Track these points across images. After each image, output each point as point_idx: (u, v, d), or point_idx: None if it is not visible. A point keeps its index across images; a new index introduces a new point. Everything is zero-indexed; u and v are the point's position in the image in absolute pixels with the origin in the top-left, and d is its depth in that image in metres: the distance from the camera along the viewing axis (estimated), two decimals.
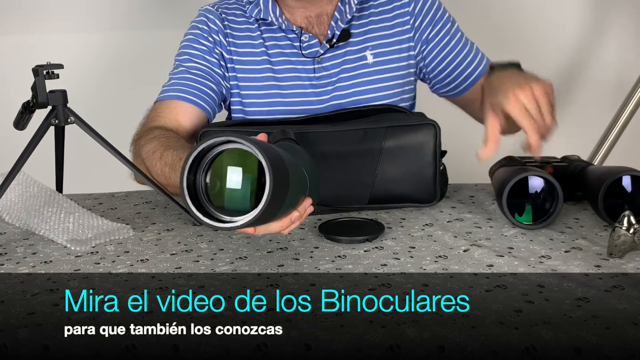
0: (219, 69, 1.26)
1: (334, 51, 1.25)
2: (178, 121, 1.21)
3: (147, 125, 1.20)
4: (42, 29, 2.12)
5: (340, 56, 1.25)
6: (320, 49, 1.25)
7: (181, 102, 1.22)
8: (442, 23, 1.29)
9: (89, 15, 2.15)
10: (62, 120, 1.05)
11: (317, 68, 1.25)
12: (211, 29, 1.27)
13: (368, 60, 1.25)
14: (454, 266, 0.87)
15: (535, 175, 1.01)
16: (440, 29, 1.29)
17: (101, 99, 2.13)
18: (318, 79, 1.25)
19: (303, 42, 1.25)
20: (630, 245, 0.87)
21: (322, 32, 1.27)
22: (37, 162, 1.08)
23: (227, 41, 1.27)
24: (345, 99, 1.25)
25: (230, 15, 1.29)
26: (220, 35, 1.27)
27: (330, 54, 1.25)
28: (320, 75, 1.25)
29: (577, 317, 0.71)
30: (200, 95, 1.24)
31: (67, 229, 1.03)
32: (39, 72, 1.03)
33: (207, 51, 1.26)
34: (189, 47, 1.28)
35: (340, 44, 1.25)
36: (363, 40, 1.26)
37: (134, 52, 2.19)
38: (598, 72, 2.32)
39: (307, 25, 1.27)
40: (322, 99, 1.25)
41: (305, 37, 1.25)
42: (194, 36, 1.28)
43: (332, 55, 1.25)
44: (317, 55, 1.25)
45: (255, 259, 0.91)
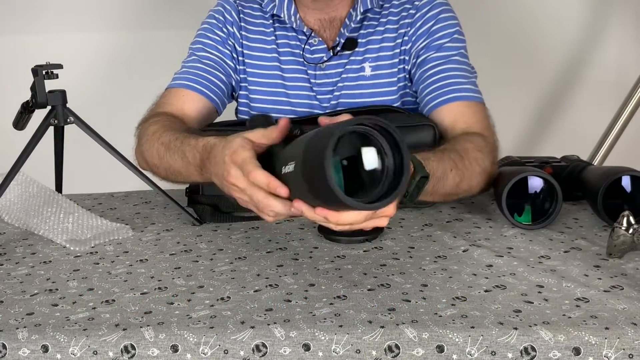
0: (230, 61, 1.27)
1: (338, 59, 1.24)
2: (184, 110, 1.21)
3: (154, 110, 1.22)
4: (41, 29, 2.13)
5: (342, 65, 1.24)
6: (325, 55, 1.24)
7: (189, 92, 1.23)
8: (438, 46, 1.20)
9: (89, 15, 2.15)
10: (62, 120, 1.05)
11: (318, 74, 1.25)
12: (226, 19, 1.27)
13: (366, 73, 1.24)
14: (453, 266, 0.87)
15: (535, 175, 1.01)
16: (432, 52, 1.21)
17: (100, 99, 2.13)
18: (319, 85, 1.25)
19: (311, 46, 1.24)
20: (630, 246, 0.87)
21: (332, 37, 1.25)
22: (37, 162, 1.08)
23: (241, 34, 1.27)
24: (344, 107, 1.24)
25: (247, 8, 1.29)
26: (234, 27, 1.27)
27: (334, 62, 1.24)
28: (321, 82, 1.25)
29: (576, 317, 0.71)
30: (209, 86, 1.24)
31: (66, 229, 1.03)
32: (39, 72, 1.03)
33: (221, 42, 1.27)
34: (203, 36, 1.28)
35: (345, 53, 1.24)
36: (364, 52, 1.24)
37: (134, 52, 2.19)
38: (598, 72, 2.32)
39: (319, 28, 1.26)
40: (323, 106, 1.25)
41: (314, 40, 1.24)
42: (209, 25, 1.28)
43: (335, 64, 1.24)
44: (320, 62, 1.24)
45: (254, 259, 0.91)
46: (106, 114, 1.86)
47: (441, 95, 1.17)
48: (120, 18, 2.17)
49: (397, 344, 0.69)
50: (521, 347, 0.68)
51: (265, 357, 0.69)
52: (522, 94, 2.33)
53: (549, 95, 2.36)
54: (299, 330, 0.70)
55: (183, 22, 2.14)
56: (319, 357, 0.69)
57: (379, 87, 1.24)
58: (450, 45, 1.21)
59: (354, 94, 1.24)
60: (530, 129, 2.39)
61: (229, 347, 0.69)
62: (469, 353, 0.68)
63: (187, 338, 0.70)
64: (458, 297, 0.77)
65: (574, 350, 0.68)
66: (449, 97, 1.17)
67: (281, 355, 0.69)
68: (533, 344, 0.68)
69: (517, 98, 2.31)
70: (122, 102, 2.20)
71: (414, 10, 1.23)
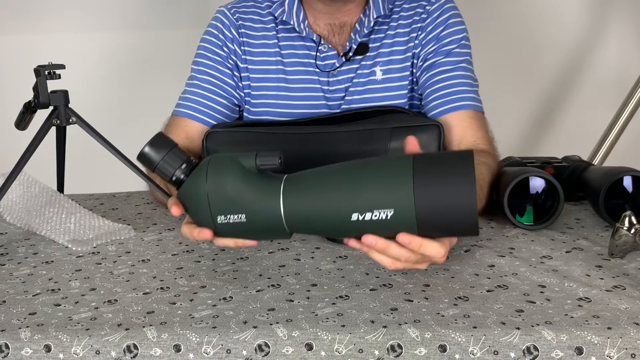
0: (231, 80, 1.26)
1: (350, 64, 1.23)
2: (189, 138, 1.24)
3: None
4: (44, 29, 2.13)
5: (353, 70, 1.23)
6: (336, 61, 1.23)
7: (190, 121, 1.25)
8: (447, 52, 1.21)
9: (91, 15, 2.15)
10: (64, 121, 1.05)
11: (331, 81, 1.24)
12: (226, 36, 1.26)
13: (377, 77, 1.23)
14: (455, 266, 0.87)
15: (536, 176, 1.01)
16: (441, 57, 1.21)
17: (102, 99, 2.13)
18: (332, 92, 1.24)
19: (321, 53, 1.24)
20: (632, 246, 0.87)
21: (342, 43, 1.24)
22: (39, 162, 1.08)
23: (242, 50, 1.26)
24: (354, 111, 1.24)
25: (247, 20, 1.27)
26: (235, 44, 1.26)
27: (346, 67, 1.23)
28: (334, 88, 1.24)
29: (578, 317, 0.72)
30: (210, 113, 1.25)
31: (68, 229, 1.03)
32: (41, 72, 1.03)
33: (221, 61, 1.26)
34: (203, 56, 1.28)
35: (356, 58, 1.23)
36: (375, 55, 1.23)
37: (136, 53, 2.19)
38: (598, 72, 2.33)
39: (327, 34, 1.25)
40: (332, 112, 1.24)
41: (323, 47, 1.23)
42: (209, 44, 1.28)
43: (347, 69, 1.23)
44: (332, 68, 1.23)
45: (256, 259, 0.91)
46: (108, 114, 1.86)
47: (448, 102, 1.19)
48: (123, 18, 2.18)
49: (399, 344, 0.69)
50: (523, 347, 0.68)
51: (267, 356, 0.69)
52: (523, 95, 2.33)
53: (549, 95, 2.36)
54: (301, 330, 0.70)
55: (185, 22, 2.16)
56: (321, 356, 0.69)
57: (390, 91, 1.24)
58: (459, 51, 1.22)
59: (364, 99, 1.23)
60: (531, 129, 2.40)
61: (231, 347, 0.69)
62: (472, 352, 0.68)
63: (189, 338, 0.70)
64: (460, 297, 0.77)
65: (576, 350, 0.68)
66: (456, 104, 1.18)
67: (284, 354, 0.69)
68: (535, 343, 0.68)
69: (518, 98, 2.32)
70: (125, 103, 2.21)
71: (425, 14, 1.23)
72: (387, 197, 0.71)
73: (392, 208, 0.70)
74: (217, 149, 1.14)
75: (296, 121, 1.20)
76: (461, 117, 1.18)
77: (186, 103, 1.26)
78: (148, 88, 2.14)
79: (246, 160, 0.76)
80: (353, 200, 0.72)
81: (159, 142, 0.80)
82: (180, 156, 0.79)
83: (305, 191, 0.74)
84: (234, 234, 0.77)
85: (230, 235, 0.78)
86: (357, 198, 0.72)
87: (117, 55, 2.19)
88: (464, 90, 1.20)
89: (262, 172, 0.76)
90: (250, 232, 0.77)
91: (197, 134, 1.24)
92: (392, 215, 0.71)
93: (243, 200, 0.75)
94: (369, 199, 0.71)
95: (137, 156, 0.80)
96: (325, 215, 0.73)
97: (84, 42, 2.14)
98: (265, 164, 0.75)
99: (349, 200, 0.72)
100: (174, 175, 0.79)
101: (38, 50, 2.05)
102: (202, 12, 2.04)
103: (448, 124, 1.17)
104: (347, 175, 0.74)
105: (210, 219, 0.76)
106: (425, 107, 1.22)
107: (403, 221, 0.71)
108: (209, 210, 0.75)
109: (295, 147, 1.12)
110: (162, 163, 0.79)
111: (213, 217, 0.76)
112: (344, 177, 0.74)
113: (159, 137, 0.81)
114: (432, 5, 1.24)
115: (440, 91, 1.20)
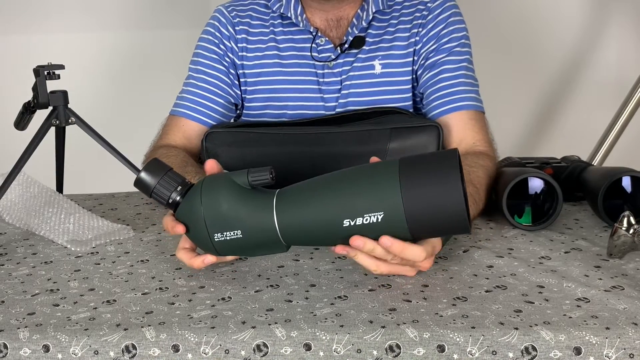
0: (227, 78, 1.27)
1: (345, 57, 1.23)
2: (186, 138, 1.25)
3: (157, 143, 1.26)
4: (43, 29, 2.13)
5: (349, 63, 1.23)
6: (332, 54, 1.24)
7: (188, 121, 1.26)
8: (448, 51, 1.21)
9: (90, 15, 2.15)
10: (63, 121, 1.05)
11: (326, 73, 1.24)
12: (223, 34, 1.27)
13: (375, 70, 1.23)
14: (454, 267, 0.87)
15: (535, 176, 1.01)
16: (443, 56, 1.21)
17: (102, 99, 2.13)
18: (327, 84, 1.24)
19: (318, 45, 1.24)
20: (630, 246, 0.87)
21: (339, 37, 1.25)
22: (38, 162, 1.08)
23: (239, 47, 1.27)
24: (351, 107, 1.23)
25: (245, 17, 1.28)
26: (232, 41, 1.27)
27: (341, 60, 1.24)
28: (329, 80, 1.24)
29: (577, 317, 0.72)
30: (207, 113, 1.25)
31: (67, 229, 1.03)
32: (40, 73, 1.03)
33: (217, 59, 1.27)
34: (200, 55, 1.28)
35: (353, 51, 1.23)
36: (374, 49, 1.23)
37: (135, 53, 2.19)
38: (598, 72, 2.33)
39: (325, 28, 1.25)
40: (328, 105, 1.24)
41: (320, 40, 1.24)
42: (206, 43, 1.28)
43: (342, 62, 1.24)
44: (328, 60, 1.24)
45: (255, 260, 0.91)
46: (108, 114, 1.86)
47: (449, 102, 1.19)
48: (122, 18, 2.18)
49: (398, 344, 0.69)
50: (522, 347, 0.68)
51: (266, 356, 0.69)
52: (522, 95, 2.33)
53: (549, 95, 2.36)
54: (300, 330, 0.70)
55: (184, 22, 2.16)
56: (320, 356, 0.69)
57: (390, 85, 1.24)
58: (459, 50, 1.22)
59: (363, 92, 1.24)
60: (530, 129, 2.40)
61: (230, 347, 0.69)
62: (470, 353, 0.68)
63: (188, 338, 0.70)
64: (459, 297, 0.77)
65: (574, 350, 0.68)
66: (456, 105, 1.19)
67: (282, 355, 0.69)
68: (534, 343, 0.68)
69: (517, 98, 2.32)
70: (124, 103, 2.21)
71: (426, 11, 1.24)
72: (376, 200, 0.73)
73: (382, 211, 0.73)
74: (216, 149, 1.14)
75: (296, 121, 1.20)
76: (461, 117, 1.18)
77: (183, 102, 1.27)
78: (148, 88, 2.14)
79: (238, 177, 0.78)
80: (342, 207, 0.74)
81: (154, 167, 0.82)
82: (176, 179, 0.82)
83: (297, 203, 0.76)
84: (233, 250, 0.80)
85: (230, 252, 0.81)
86: (346, 204, 0.74)
87: (117, 55, 2.19)
88: (464, 90, 1.20)
89: (254, 188, 0.78)
90: (248, 247, 0.79)
91: (195, 133, 1.24)
92: (382, 217, 0.73)
93: (238, 217, 0.77)
94: (358, 204, 0.74)
95: (133, 182, 0.83)
96: (317, 224, 0.75)
97: (84, 42, 2.14)
98: (257, 180, 0.78)
99: (339, 207, 0.74)
100: (170, 197, 0.81)
101: (37, 50, 2.05)
102: (201, 12, 2.05)
103: (448, 125, 1.17)
104: (336, 183, 0.76)
105: (207, 237, 0.79)
106: (426, 107, 1.22)
107: (394, 223, 0.73)
108: (205, 229, 0.78)
109: (295, 148, 1.12)
110: (158, 187, 0.81)
111: (210, 236, 0.78)
112: (333, 185, 0.76)
113: (154, 162, 0.83)
114: (433, 3, 1.24)
115: (441, 91, 1.20)
